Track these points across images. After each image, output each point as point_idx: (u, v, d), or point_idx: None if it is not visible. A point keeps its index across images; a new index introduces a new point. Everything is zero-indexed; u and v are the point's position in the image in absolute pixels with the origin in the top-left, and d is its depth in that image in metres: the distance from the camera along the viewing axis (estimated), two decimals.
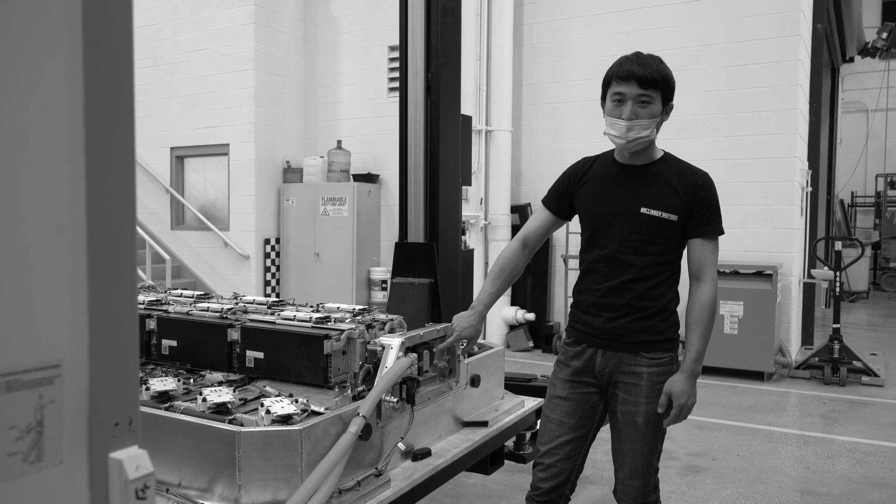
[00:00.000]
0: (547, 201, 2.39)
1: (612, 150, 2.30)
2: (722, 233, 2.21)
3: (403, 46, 3.73)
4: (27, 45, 0.68)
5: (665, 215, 2.15)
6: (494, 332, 7.71)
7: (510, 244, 2.43)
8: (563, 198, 2.34)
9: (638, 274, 2.16)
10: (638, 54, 2.18)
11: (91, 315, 0.72)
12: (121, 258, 0.73)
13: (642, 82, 2.10)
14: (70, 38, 0.70)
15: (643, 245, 2.16)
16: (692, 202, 2.16)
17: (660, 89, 2.13)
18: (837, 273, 6.69)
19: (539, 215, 2.41)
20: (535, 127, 7.91)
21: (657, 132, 2.19)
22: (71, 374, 0.71)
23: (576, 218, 2.39)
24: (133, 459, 0.76)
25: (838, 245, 6.88)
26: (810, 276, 7.85)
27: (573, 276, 6.91)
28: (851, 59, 13.27)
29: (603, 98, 2.22)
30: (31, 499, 0.70)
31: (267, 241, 8.68)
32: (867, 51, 12.02)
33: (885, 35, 11.49)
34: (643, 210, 2.15)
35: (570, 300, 2.40)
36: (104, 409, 0.74)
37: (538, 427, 2.38)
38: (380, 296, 8.09)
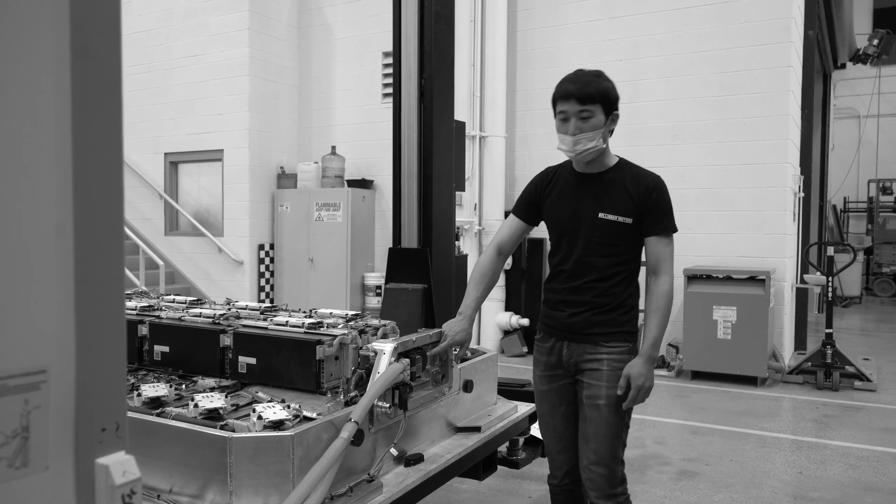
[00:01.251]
0: (517, 211, 2.57)
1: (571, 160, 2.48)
2: (675, 230, 2.38)
3: (397, 52, 3.74)
4: (16, 51, 0.68)
5: (620, 219, 2.32)
6: (489, 337, 7.71)
7: (486, 252, 2.58)
8: (532, 207, 2.52)
9: (600, 275, 2.35)
10: (577, 73, 2.35)
11: (78, 320, 0.72)
12: (108, 263, 0.73)
13: (580, 99, 2.28)
14: (58, 45, 0.71)
15: (603, 247, 2.34)
16: (645, 204, 2.33)
17: (598, 103, 2.29)
18: (830, 278, 6.72)
19: (510, 224, 2.58)
20: (529, 132, 7.93)
21: (605, 141, 2.35)
22: (57, 380, 0.71)
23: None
24: (120, 465, 0.76)
25: (830, 250, 6.91)
26: (803, 281, 7.88)
27: None
28: (843, 66, 13.34)
29: (555, 116, 2.40)
30: None
31: (261, 247, 8.67)
32: (858, 57, 12.08)
33: (876, 42, 11.56)
34: (601, 215, 2.33)
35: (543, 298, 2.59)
36: (91, 415, 0.74)
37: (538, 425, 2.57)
38: (374, 301, 8.08)
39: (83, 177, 0.72)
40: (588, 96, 2.27)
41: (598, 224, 2.33)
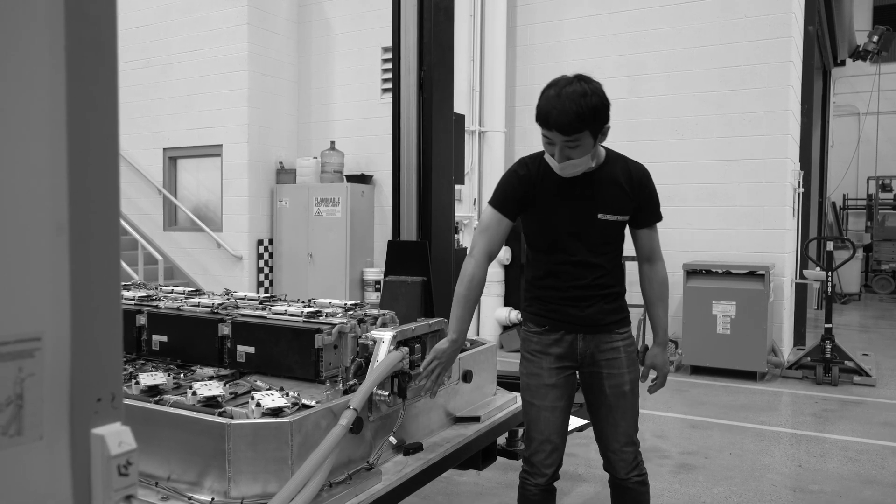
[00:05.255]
0: (505, 209, 2.28)
1: None
2: (662, 218, 2.42)
3: (396, 44, 3.72)
4: (7, 18, 0.67)
5: (620, 218, 2.30)
6: (488, 332, 7.70)
7: (477, 265, 2.27)
8: (520, 203, 2.28)
9: (602, 271, 2.33)
10: (559, 94, 2.06)
11: (73, 287, 0.71)
12: (103, 229, 0.72)
13: (565, 131, 2.05)
14: (52, 10, 0.70)
15: (604, 246, 2.32)
16: (640, 199, 2.32)
17: (586, 129, 2.07)
18: (829, 273, 6.72)
19: (500, 224, 2.28)
20: (529, 127, 7.91)
21: (595, 156, 2.20)
22: (52, 348, 0.70)
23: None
24: (115, 435, 0.75)
25: (830, 245, 6.90)
26: (802, 276, 7.87)
27: None
28: (843, 63, 13.33)
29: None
30: (10, 473, 0.69)
31: (260, 242, 8.65)
32: (858, 54, 12.07)
33: (875, 38, 11.55)
34: (600, 216, 2.27)
35: (529, 293, 2.41)
36: (86, 384, 0.74)
37: (528, 419, 2.39)
38: (373, 296, 8.07)
39: (77, 144, 0.71)
40: (573, 128, 2.04)
41: (598, 225, 2.26)
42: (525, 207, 2.30)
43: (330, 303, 2.79)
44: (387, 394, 2.17)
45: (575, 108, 2.02)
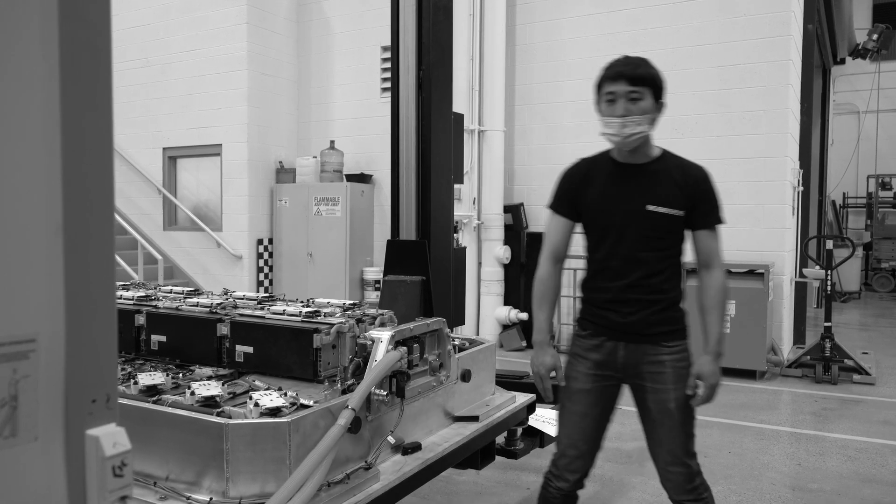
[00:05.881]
0: (561, 209, 2.37)
1: (609, 151, 2.34)
2: (723, 222, 2.31)
3: (395, 44, 3.72)
4: (2, 21, 0.67)
5: (672, 211, 2.23)
6: (488, 332, 7.70)
7: (542, 267, 2.38)
8: (573, 202, 2.35)
9: (650, 270, 2.24)
10: (627, 56, 2.28)
11: (68, 289, 0.71)
12: (98, 231, 0.72)
13: (631, 80, 2.19)
14: (46, 9, 0.70)
15: (653, 241, 2.24)
16: (694, 196, 2.25)
17: (648, 86, 2.21)
18: (829, 272, 6.71)
19: (558, 226, 2.36)
20: (528, 127, 7.92)
21: (652, 128, 2.24)
22: (47, 349, 0.71)
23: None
24: (110, 436, 0.75)
25: (829, 244, 6.90)
26: (802, 275, 7.87)
27: (566, 276, 6.91)
28: (842, 61, 13.33)
29: (598, 102, 2.29)
30: (5, 474, 0.69)
31: (260, 242, 8.65)
32: (858, 52, 12.07)
33: (875, 36, 11.55)
34: (650, 207, 2.22)
35: (580, 296, 2.42)
36: (81, 386, 0.74)
37: (560, 421, 2.37)
38: (373, 296, 8.07)
39: (72, 143, 0.71)
40: (639, 77, 2.19)
41: (648, 217, 2.22)
42: (577, 202, 2.33)
43: (328, 302, 2.79)
44: (385, 393, 2.17)
45: (639, 62, 2.24)
